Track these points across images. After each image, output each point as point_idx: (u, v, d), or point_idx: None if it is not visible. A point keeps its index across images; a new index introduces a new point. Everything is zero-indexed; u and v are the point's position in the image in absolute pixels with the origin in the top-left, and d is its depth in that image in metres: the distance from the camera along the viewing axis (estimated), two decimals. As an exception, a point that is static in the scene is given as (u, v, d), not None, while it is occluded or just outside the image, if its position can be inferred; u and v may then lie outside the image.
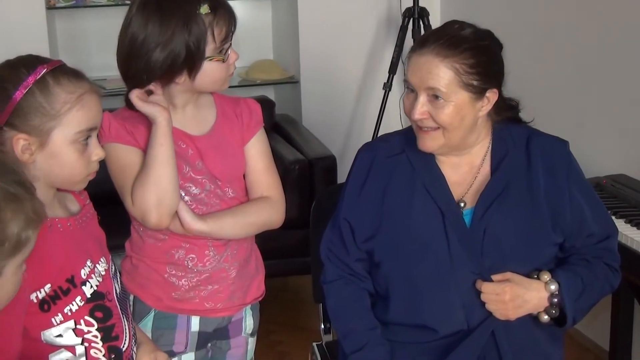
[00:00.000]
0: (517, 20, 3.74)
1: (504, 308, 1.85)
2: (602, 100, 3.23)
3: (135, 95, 1.85)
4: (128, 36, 1.87)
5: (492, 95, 1.89)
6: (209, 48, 1.86)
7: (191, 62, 1.85)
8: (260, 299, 2.13)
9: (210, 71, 1.89)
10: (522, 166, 1.95)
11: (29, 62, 1.58)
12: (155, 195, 1.84)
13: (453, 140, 1.90)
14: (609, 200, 2.64)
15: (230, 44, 1.92)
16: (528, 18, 3.68)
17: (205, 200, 1.96)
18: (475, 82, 1.84)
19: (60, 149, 1.58)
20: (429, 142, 1.90)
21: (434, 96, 1.84)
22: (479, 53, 1.85)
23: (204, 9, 1.84)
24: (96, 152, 1.63)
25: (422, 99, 1.86)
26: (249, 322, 2.12)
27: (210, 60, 1.87)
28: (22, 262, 1.37)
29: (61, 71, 1.59)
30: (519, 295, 1.85)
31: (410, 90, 1.90)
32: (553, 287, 1.87)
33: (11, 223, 1.30)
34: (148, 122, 1.90)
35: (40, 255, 1.54)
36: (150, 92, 1.87)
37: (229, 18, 1.90)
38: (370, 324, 1.99)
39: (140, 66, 1.85)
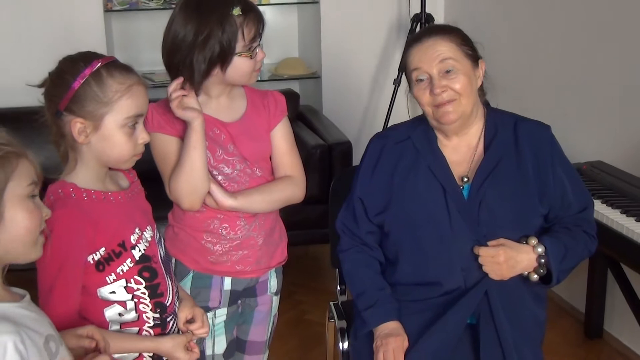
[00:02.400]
0: (510, 24, 3.71)
1: (499, 269, 1.85)
2: (582, 96, 3.21)
3: (175, 105, 1.84)
4: (171, 33, 1.88)
5: (482, 65, 1.95)
6: (239, 45, 1.86)
7: (223, 56, 1.85)
8: (283, 263, 2.13)
9: (238, 65, 1.88)
10: (511, 147, 1.95)
11: (86, 57, 1.58)
12: (187, 188, 1.87)
13: (467, 108, 1.91)
14: (588, 183, 2.62)
15: (259, 44, 1.91)
16: (519, 23, 3.65)
17: (237, 179, 1.96)
18: (470, 52, 1.92)
19: (111, 132, 1.58)
20: (452, 115, 1.90)
21: (446, 71, 1.88)
22: (462, 33, 1.95)
23: (236, 11, 1.84)
24: (142, 136, 1.63)
25: (437, 75, 1.88)
26: (273, 283, 2.12)
27: (239, 55, 1.87)
28: (25, 196, 1.32)
29: (114, 65, 1.59)
30: (511, 257, 1.85)
31: (420, 80, 1.91)
32: (540, 249, 1.86)
33: None
34: None
35: (95, 223, 1.57)
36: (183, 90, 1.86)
37: (258, 21, 1.89)
38: (380, 285, 2.00)
39: (181, 60, 1.85)
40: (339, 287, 2.45)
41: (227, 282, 2.02)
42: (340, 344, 2.19)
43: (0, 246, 1.30)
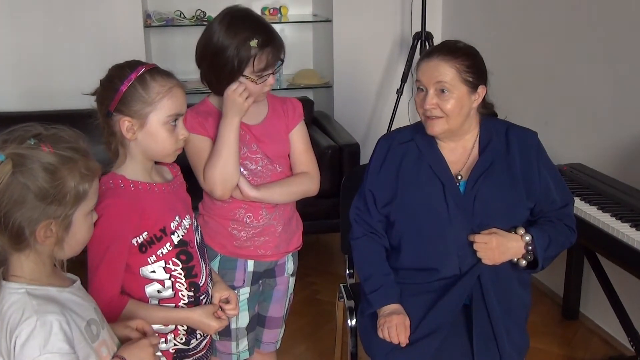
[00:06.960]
0: (500, 42, 3.70)
1: (492, 254, 1.84)
2: (563, 106, 3.21)
3: (234, 91, 1.85)
4: (201, 43, 1.90)
5: (482, 91, 1.91)
6: (248, 70, 1.85)
7: (232, 74, 1.85)
8: (299, 248, 2.13)
9: (245, 84, 1.86)
10: (503, 150, 1.95)
11: (132, 64, 1.59)
12: (222, 175, 1.86)
13: (454, 126, 1.90)
14: (568, 182, 2.56)
15: (272, 72, 1.88)
16: (509, 41, 3.64)
17: (259, 174, 1.97)
18: (470, 79, 1.87)
19: (155, 128, 1.58)
20: (436, 128, 1.90)
21: (441, 90, 1.86)
22: (471, 57, 1.89)
23: (253, 43, 1.82)
24: (182, 132, 1.63)
25: (432, 93, 1.87)
26: (290, 265, 2.12)
27: (246, 78, 1.86)
28: (89, 212, 1.34)
29: (156, 70, 1.60)
30: (502, 244, 1.84)
31: (421, 90, 1.91)
32: (528, 238, 1.86)
33: (68, 179, 1.27)
34: (215, 116, 1.92)
35: (140, 210, 1.58)
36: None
37: (273, 55, 1.86)
38: (385, 271, 1.99)
39: (204, 63, 1.88)
40: (347, 271, 2.45)
41: (250, 265, 2.02)
42: (349, 321, 2.20)
43: (63, 248, 1.31)
